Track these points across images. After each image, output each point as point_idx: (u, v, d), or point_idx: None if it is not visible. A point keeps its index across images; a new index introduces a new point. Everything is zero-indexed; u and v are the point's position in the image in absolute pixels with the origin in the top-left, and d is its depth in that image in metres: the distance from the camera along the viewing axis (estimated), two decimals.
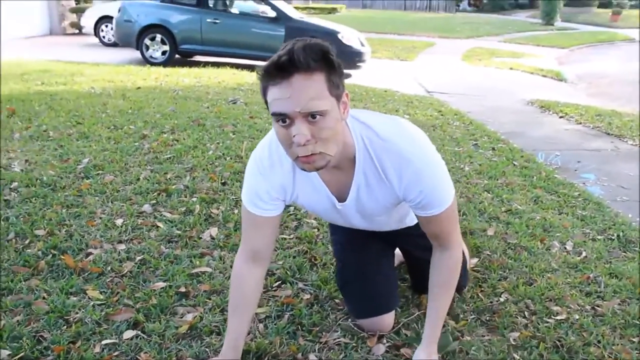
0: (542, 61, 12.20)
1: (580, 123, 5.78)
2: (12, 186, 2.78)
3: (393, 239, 1.86)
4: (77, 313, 1.78)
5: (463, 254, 2.08)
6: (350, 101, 1.31)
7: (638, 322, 1.94)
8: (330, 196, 1.47)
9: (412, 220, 1.71)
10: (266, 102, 1.23)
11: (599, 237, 2.71)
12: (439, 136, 4.63)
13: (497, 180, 3.50)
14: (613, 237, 2.70)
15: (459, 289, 2.05)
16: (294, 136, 1.19)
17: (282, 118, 1.19)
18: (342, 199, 1.48)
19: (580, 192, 3.41)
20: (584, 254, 2.50)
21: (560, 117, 6.11)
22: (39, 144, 3.58)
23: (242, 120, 4.52)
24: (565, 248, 2.57)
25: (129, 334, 1.70)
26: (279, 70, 1.17)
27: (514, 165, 3.92)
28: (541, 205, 3.11)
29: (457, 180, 3.42)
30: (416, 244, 1.76)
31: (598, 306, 2.06)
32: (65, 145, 3.54)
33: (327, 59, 1.20)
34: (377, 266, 1.84)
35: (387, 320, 1.78)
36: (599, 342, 1.82)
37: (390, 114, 5.46)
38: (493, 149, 4.38)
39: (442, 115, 5.62)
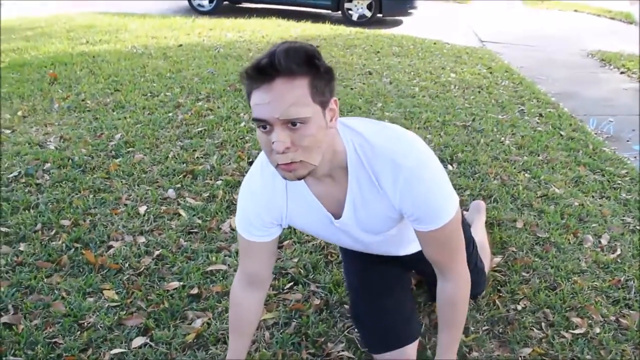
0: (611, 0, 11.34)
1: None
2: (45, 167, 2.86)
3: (409, 264, 1.76)
4: (91, 317, 1.84)
5: (482, 261, 2.02)
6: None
7: None
8: (327, 213, 1.39)
9: None
10: (251, 108, 1.18)
11: None
12: (483, 100, 4.43)
13: (538, 156, 3.33)
14: None
15: (474, 297, 1.99)
16: (273, 143, 1.14)
17: (263, 124, 1.14)
18: (338, 215, 1.40)
19: (629, 170, 3.21)
20: (618, 250, 2.38)
21: (621, 72, 5.72)
22: (76, 115, 3.65)
23: None
24: (600, 242, 2.44)
25: (138, 341, 1.75)
26: (260, 74, 1.11)
27: (561, 136, 3.72)
28: (581, 188, 2.95)
29: (495, 157, 3.28)
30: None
31: (623, 317, 1.96)
32: (100, 117, 3.60)
33: (312, 63, 1.12)
34: (393, 296, 1.73)
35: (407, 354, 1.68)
36: None
37: (437, 71, 5.25)
38: (540, 115, 4.16)
39: (490, 73, 5.35)
